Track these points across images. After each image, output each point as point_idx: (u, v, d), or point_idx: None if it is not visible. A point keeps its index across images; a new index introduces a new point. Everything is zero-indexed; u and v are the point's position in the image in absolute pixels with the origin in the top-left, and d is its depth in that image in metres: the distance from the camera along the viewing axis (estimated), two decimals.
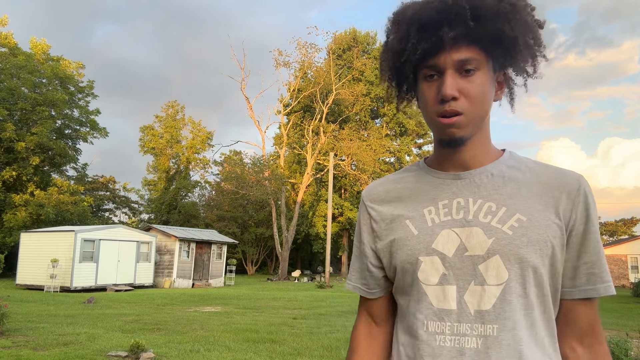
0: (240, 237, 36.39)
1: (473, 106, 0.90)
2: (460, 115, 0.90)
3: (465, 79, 0.89)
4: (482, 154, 0.99)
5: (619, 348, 5.20)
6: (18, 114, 28.53)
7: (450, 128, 0.91)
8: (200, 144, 43.28)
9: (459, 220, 0.95)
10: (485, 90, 0.91)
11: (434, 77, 0.92)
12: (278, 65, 34.56)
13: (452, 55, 0.89)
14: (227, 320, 10.89)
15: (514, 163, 1.00)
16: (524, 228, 0.91)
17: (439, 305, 0.93)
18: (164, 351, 7.09)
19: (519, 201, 0.93)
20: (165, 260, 22.91)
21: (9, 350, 6.80)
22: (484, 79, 0.91)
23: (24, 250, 19.66)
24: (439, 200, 0.99)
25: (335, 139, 33.76)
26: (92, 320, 10.10)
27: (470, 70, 0.89)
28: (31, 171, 28.46)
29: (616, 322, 11.43)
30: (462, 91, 0.89)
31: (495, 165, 0.99)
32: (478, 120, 0.93)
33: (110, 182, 39.16)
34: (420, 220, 0.99)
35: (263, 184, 32.58)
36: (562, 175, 0.96)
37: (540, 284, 0.91)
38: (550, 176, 0.96)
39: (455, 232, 0.95)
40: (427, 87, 0.93)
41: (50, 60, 31.21)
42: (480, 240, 0.92)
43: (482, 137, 0.98)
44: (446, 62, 0.89)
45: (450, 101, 0.89)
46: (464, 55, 0.89)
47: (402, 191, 1.05)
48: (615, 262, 33.46)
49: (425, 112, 0.95)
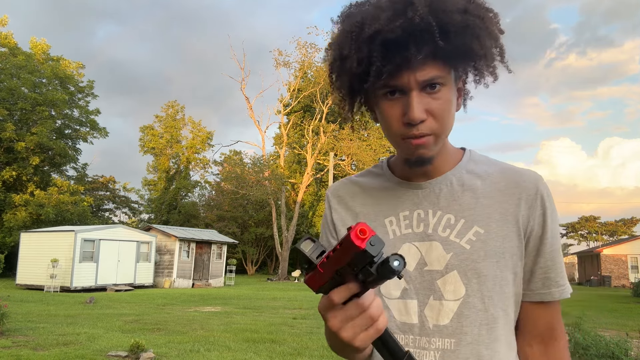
0: (240, 237, 36.39)
1: (441, 124, 0.87)
2: (429, 136, 0.86)
3: (431, 97, 0.85)
4: (444, 161, 0.96)
5: (619, 348, 5.20)
6: (18, 114, 28.54)
7: (419, 149, 0.88)
8: (200, 144, 43.28)
9: (420, 233, 0.94)
10: (450, 106, 0.88)
11: (395, 94, 0.86)
12: (278, 65, 34.59)
13: (417, 75, 0.83)
14: (227, 320, 10.89)
15: (473, 167, 0.98)
16: (482, 241, 0.90)
17: (401, 319, 0.93)
18: (164, 351, 7.09)
19: (477, 212, 0.92)
20: (165, 260, 22.91)
21: (9, 350, 6.80)
22: (449, 93, 0.87)
23: (24, 250, 19.66)
24: (399, 210, 0.97)
25: (335, 138, 33.75)
26: (92, 320, 10.10)
27: (435, 87, 0.85)
28: (31, 171, 28.46)
29: (616, 322, 11.43)
30: (429, 111, 0.85)
31: (455, 171, 0.97)
32: (445, 136, 0.90)
33: (110, 182, 39.17)
34: (381, 232, 0.97)
35: (263, 184, 32.58)
36: (519, 178, 0.94)
37: (501, 296, 0.90)
38: (508, 181, 0.94)
39: (416, 246, 0.94)
40: (388, 106, 0.87)
41: (50, 60, 31.21)
42: (439, 255, 0.92)
43: (444, 147, 0.95)
44: (411, 83, 0.83)
45: (418, 124, 0.85)
46: (430, 74, 0.83)
47: (366, 198, 1.02)
48: (615, 262, 33.47)
49: (389, 132, 0.90)
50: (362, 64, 0.84)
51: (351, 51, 0.85)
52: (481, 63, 0.88)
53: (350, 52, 0.85)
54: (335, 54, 0.91)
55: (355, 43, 0.85)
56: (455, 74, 0.89)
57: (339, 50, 0.89)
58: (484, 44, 0.84)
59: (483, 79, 0.92)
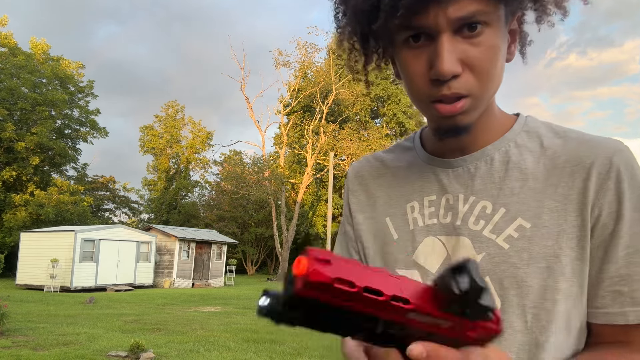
0: (240, 237, 36.37)
1: (483, 82, 0.64)
2: (465, 99, 0.64)
3: (469, 42, 0.62)
4: (484, 131, 0.73)
5: None
6: (18, 113, 28.54)
7: (453, 117, 0.65)
8: (200, 143, 43.28)
9: (447, 225, 0.73)
10: (497, 55, 0.64)
11: (419, 39, 0.63)
12: (278, 65, 34.62)
13: (448, 11, 0.60)
14: (227, 320, 10.89)
15: (526, 139, 0.73)
16: (527, 239, 0.67)
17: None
18: (164, 351, 7.09)
19: (523, 198, 0.69)
20: (165, 260, 22.91)
21: (9, 350, 6.80)
22: (495, 37, 0.63)
23: (24, 250, 19.66)
24: (425, 194, 0.77)
25: (335, 138, 33.76)
26: (92, 320, 10.10)
27: (475, 28, 0.61)
28: (31, 171, 28.47)
29: None
30: (466, 61, 0.62)
31: (499, 144, 0.73)
32: (489, 98, 0.68)
33: (110, 182, 39.16)
34: (401, 220, 0.78)
35: (263, 184, 32.60)
36: (589, 150, 0.68)
37: (551, 315, 0.66)
38: (572, 155, 0.69)
39: (441, 241, 0.74)
40: (410, 56, 0.65)
41: (50, 60, 31.21)
42: (468, 254, 0.71)
43: (489, 110, 0.72)
44: (439, 22, 0.60)
45: (449, 81, 0.62)
46: (467, 10, 0.60)
47: (388, 177, 0.83)
48: None
49: (412, 92, 0.68)
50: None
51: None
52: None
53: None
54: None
55: None
56: (507, 9, 0.64)
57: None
58: None
59: (547, 12, 0.68)
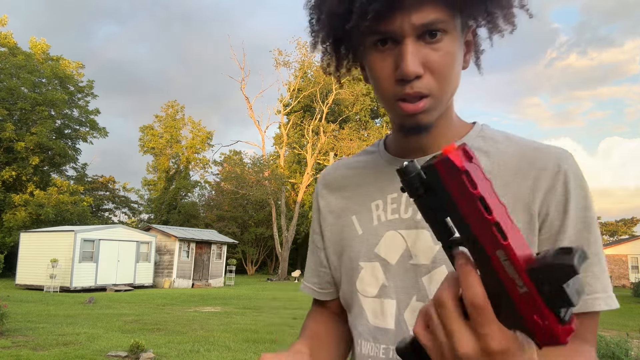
0: (240, 237, 36.37)
1: (442, 83, 0.71)
2: (426, 98, 0.71)
3: (430, 47, 0.69)
4: (443, 135, 0.80)
5: (619, 348, 5.20)
6: (18, 113, 28.54)
7: (416, 115, 0.72)
8: (200, 143, 43.29)
9: (407, 219, 0.78)
10: (454, 60, 0.71)
11: (386, 43, 0.70)
12: (278, 65, 34.62)
13: (412, 18, 0.67)
14: (227, 320, 10.89)
15: (482, 143, 0.80)
16: None
17: (375, 323, 0.78)
18: (164, 351, 7.09)
19: None
20: (165, 260, 22.91)
21: (9, 350, 6.79)
22: (453, 44, 0.71)
23: (24, 250, 19.66)
24: (388, 193, 0.82)
25: (335, 138, 33.77)
26: (92, 320, 10.10)
27: (435, 35, 0.69)
28: (31, 171, 28.46)
29: (616, 322, 11.43)
30: (427, 65, 0.69)
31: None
32: (447, 99, 0.74)
33: (110, 182, 39.16)
34: (366, 217, 0.83)
35: (263, 184, 32.60)
36: (538, 155, 0.75)
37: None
38: (523, 159, 0.76)
39: (401, 235, 0.78)
40: (378, 59, 0.72)
41: (50, 60, 31.21)
42: (426, 246, 0.75)
43: (446, 114, 0.79)
44: (404, 28, 0.68)
45: (412, 81, 0.69)
46: (429, 17, 0.67)
47: (354, 178, 0.89)
48: (615, 262, 33.47)
49: (379, 92, 0.75)
50: (345, 1, 0.69)
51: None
52: (494, 4, 0.72)
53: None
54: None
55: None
56: (462, 20, 0.73)
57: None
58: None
59: (498, 27, 0.75)
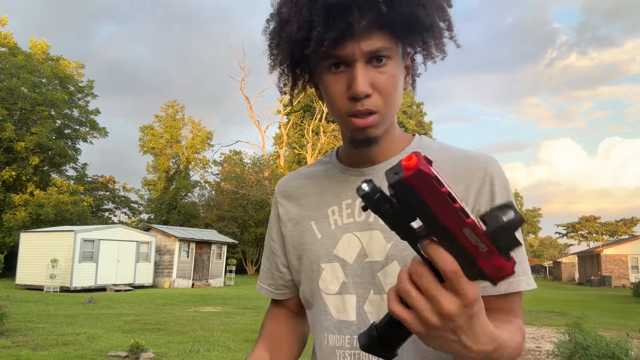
0: (240, 237, 36.36)
1: (387, 102, 0.82)
2: (375, 114, 0.81)
3: (377, 70, 0.80)
4: (389, 146, 0.91)
5: (619, 348, 5.19)
6: (18, 113, 28.54)
7: (365, 129, 0.82)
8: (200, 143, 43.27)
9: (361, 222, 0.88)
10: (397, 82, 0.83)
11: (339, 67, 0.81)
12: None
13: (362, 45, 0.78)
14: (227, 320, 10.89)
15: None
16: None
17: (339, 317, 0.87)
18: (164, 351, 7.09)
19: None
20: (165, 260, 22.91)
21: (9, 350, 6.79)
22: (396, 68, 0.82)
23: (24, 250, 19.66)
24: (342, 199, 0.91)
25: (335, 138, 33.79)
26: (92, 320, 10.10)
27: (381, 60, 0.80)
28: (31, 171, 28.46)
29: (616, 322, 11.42)
30: (375, 85, 0.80)
31: (401, 156, 0.90)
32: (392, 116, 0.85)
33: (110, 182, 39.15)
34: (324, 222, 0.92)
35: (263, 184, 32.61)
36: (468, 163, 0.87)
37: None
38: (457, 167, 0.87)
39: (357, 236, 0.88)
40: (333, 80, 0.82)
41: (50, 60, 31.20)
42: (379, 245, 0.85)
43: (391, 130, 0.90)
44: (355, 53, 0.78)
45: (363, 99, 0.79)
46: (376, 45, 0.78)
47: (311, 187, 0.97)
48: (615, 262, 33.49)
49: (333, 109, 0.85)
50: (303, 29, 0.78)
51: (291, 15, 0.80)
52: (428, 35, 0.83)
53: (290, 16, 0.80)
54: (274, 22, 0.86)
55: (295, 6, 0.80)
56: (403, 48, 0.84)
57: (278, 15, 0.85)
58: (430, 13, 0.79)
59: (431, 54, 0.87)
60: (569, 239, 60.72)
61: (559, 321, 9.99)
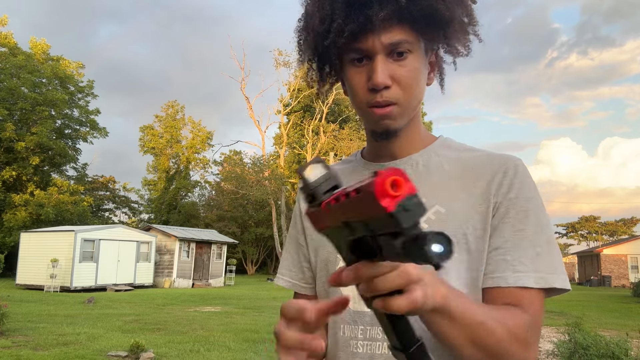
0: (240, 237, 36.37)
1: (407, 94, 0.83)
2: (394, 105, 0.83)
3: (397, 64, 0.82)
4: (411, 143, 0.92)
5: (619, 348, 5.20)
6: (18, 113, 28.55)
7: (384, 120, 0.84)
8: (200, 143, 43.29)
9: None
10: (418, 76, 0.84)
11: (362, 61, 0.83)
12: (278, 65, 34.58)
13: (382, 38, 0.80)
14: (227, 320, 10.89)
15: (444, 151, 0.93)
16: (442, 220, 0.84)
17: (355, 307, 0.88)
18: (164, 351, 7.10)
19: (440, 192, 0.87)
20: (165, 260, 22.91)
21: (9, 350, 6.80)
22: (417, 62, 0.83)
23: (24, 250, 19.66)
24: None
25: (335, 138, 33.78)
26: (92, 320, 10.10)
27: (402, 54, 0.81)
28: (31, 171, 28.47)
29: (616, 322, 11.42)
30: (395, 78, 0.81)
31: (423, 153, 0.92)
32: (412, 109, 0.86)
33: (110, 182, 39.18)
34: None
35: (263, 184, 32.59)
36: (491, 159, 0.88)
37: (459, 282, 0.82)
38: (479, 163, 0.88)
39: None
40: (354, 72, 0.85)
41: (50, 60, 31.21)
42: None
43: (412, 125, 0.91)
44: (376, 46, 0.80)
45: (382, 90, 0.81)
46: (396, 38, 0.80)
47: None
48: (615, 262, 33.48)
49: (355, 101, 0.87)
50: (325, 21, 0.82)
51: (315, 9, 0.84)
52: (450, 31, 0.83)
53: (314, 10, 0.85)
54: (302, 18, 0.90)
55: (319, 1, 0.83)
56: (425, 43, 0.85)
57: (305, 11, 0.89)
58: (450, 7, 0.80)
59: (454, 50, 0.87)
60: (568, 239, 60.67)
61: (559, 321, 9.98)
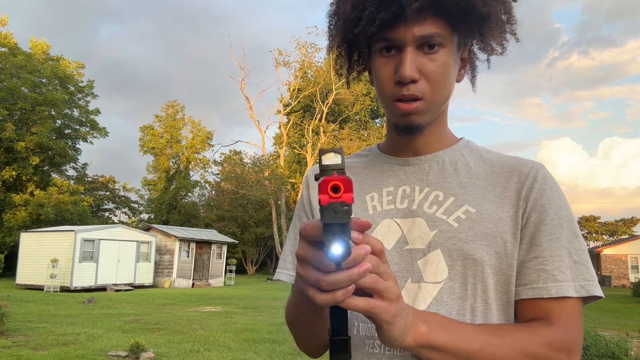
0: (240, 237, 36.37)
1: (434, 90, 0.80)
2: (420, 101, 0.79)
3: (427, 57, 0.78)
4: (437, 140, 0.89)
5: (619, 348, 5.20)
6: (18, 113, 28.54)
7: (409, 115, 0.81)
8: (200, 143, 43.28)
9: (403, 209, 0.86)
10: (448, 71, 0.81)
11: (391, 51, 0.80)
12: (278, 65, 34.61)
13: (413, 30, 0.77)
14: (227, 320, 10.89)
15: (469, 151, 0.90)
16: (472, 220, 0.81)
17: None
18: (164, 351, 7.10)
19: (469, 191, 0.84)
20: (165, 260, 22.91)
21: (9, 350, 6.80)
22: (448, 57, 0.80)
23: (24, 250, 19.66)
24: (383, 187, 0.89)
25: (335, 138, 33.79)
26: (92, 320, 10.10)
27: (433, 47, 0.78)
28: (31, 171, 28.46)
29: (616, 322, 11.43)
30: (423, 72, 0.78)
31: (448, 151, 0.89)
32: (439, 106, 0.83)
33: (110, 182, 39.16)
34: (360, 208, 0.89)
35: (263, 183, 32.60)
36: (518, 164, 0.86)
37: (486, 286, 0.79)
38: (506, 165, 0.86)
39: (397, 223, 0.85)
40: (382, 63, 0.81)
41: (50, 60, 31.19)
42: (422, 232, 0.83)
43: (439, 122, 0.88)
44: (406, 37, 0.77)
45: (409, 84, 0.78)
46: (428, 31, 0.77)
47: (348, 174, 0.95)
48: (615, 262, 33.48)
49: (380, 92, 0.84)
50: (357, 8, 0.79)
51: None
52: (486, 27, 0.81)
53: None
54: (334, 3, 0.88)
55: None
56: (459, 38, 0.82)
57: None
58: (488, 3, 0.77)
59: (489, 48, 0.84)
60: None
61: None
